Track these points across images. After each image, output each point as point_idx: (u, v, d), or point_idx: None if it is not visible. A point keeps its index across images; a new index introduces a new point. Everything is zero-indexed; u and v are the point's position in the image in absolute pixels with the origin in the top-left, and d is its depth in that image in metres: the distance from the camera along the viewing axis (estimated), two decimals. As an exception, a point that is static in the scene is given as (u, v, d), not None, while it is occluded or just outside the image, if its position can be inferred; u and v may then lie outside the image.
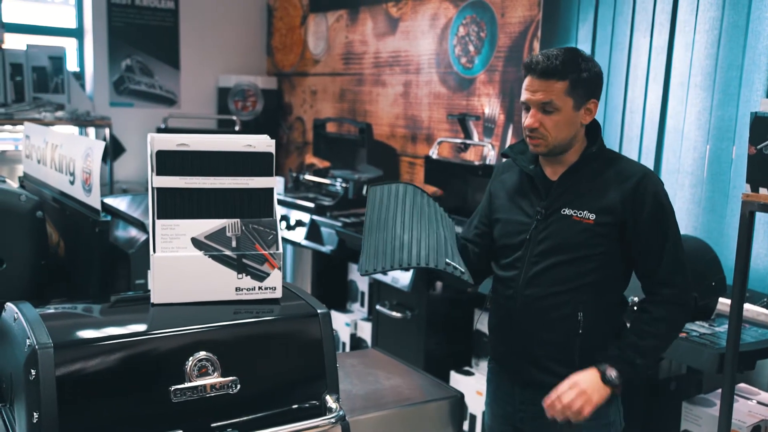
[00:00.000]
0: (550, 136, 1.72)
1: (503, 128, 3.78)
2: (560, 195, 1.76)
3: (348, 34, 4.97)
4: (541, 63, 1.69)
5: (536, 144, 1.74)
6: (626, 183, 1.72)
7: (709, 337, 2.25)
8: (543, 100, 1.70)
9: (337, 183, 4.45)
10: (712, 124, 2.82)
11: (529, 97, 1.72)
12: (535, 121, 1.71)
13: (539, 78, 1.69)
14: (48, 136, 2.36)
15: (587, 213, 1.71)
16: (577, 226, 1.71)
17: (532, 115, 1.71)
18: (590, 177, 1.75)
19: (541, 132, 1.72)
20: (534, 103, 1.71)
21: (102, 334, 1.33)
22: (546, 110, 1.70)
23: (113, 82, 5.44)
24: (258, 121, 5.69)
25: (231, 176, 1.53)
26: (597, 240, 1.69)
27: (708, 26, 2.81)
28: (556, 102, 1.69)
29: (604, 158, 1.78)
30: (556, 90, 1.69)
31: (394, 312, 3.44)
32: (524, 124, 1.74)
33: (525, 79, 1.74)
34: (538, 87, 1.70)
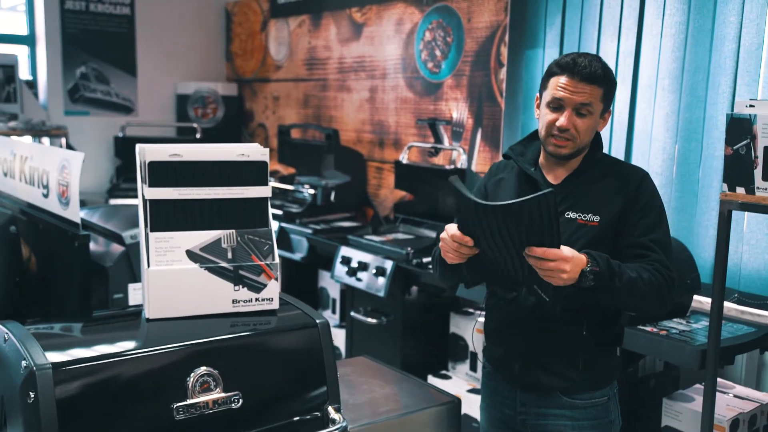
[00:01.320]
0: (579, 139, 1.73)
1: (472, 132, 3.80)
2: (564, 198, 1.77)
3: (311, 40, 4.95)
4: (587, 67, 1.69)
5: (563, 145, 1.74)
6: (628, 185, 1.75)
7: (688, 334, 2.29)
8: (584, 101, 1.70)
9: (303, 189, 4.42)
10: (680, 126, 2.88)
11: (569, 96, 1.70)
12: (569, 122, 1.71)
13: (582, 80, 1.69)
14: (16, 148, 2.28)
15: (592, 216, 1.73)
16: (582, 229, 1.73)
17: (567, 115, 1.71)
18: (592, 181, 1.78)
19: (572, 134, 1.72)
20: (572, 103, 1.70)
21: (100, 352, 1.28)
22: (581, 113, 1.71)
23: (68, 90, 5.31)
24: (219, 128, 5.61)
25: (225, 186, 1.50)
26: (600, 242, 1.71)
27: (674, 30, 2.87)
28: (593, 105, 1.71)
29: (604, 163, 1.81)
30: (595, 94, 1.71)
31: (370, 318, 3.43)
32: (557, 123, 1.72)
33: (557, 78, 1.72)
34: (580, 89, 1.69)
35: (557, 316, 1.69)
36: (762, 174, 1.91)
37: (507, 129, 3.62)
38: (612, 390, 1.82)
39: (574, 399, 1.77)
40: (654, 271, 1.68)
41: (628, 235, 1.73)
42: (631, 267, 1.67)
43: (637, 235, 1.72)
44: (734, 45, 2.67)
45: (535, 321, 1.77)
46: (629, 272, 1.65)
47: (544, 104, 1.77)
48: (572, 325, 1.75)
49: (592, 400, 1.78)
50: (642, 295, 1.66)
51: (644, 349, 2.30)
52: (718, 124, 2.73)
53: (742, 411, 2.29)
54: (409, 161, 3.88)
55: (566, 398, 1.78)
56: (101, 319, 1.54)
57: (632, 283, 1.64)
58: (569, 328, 1.75)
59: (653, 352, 2.32)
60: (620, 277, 1.63)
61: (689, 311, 2.54)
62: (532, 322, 1.77)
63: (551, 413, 1.78)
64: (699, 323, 2.43)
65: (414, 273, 3.28)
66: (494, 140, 3.68)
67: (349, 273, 3.45)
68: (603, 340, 1.79)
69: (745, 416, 2.29)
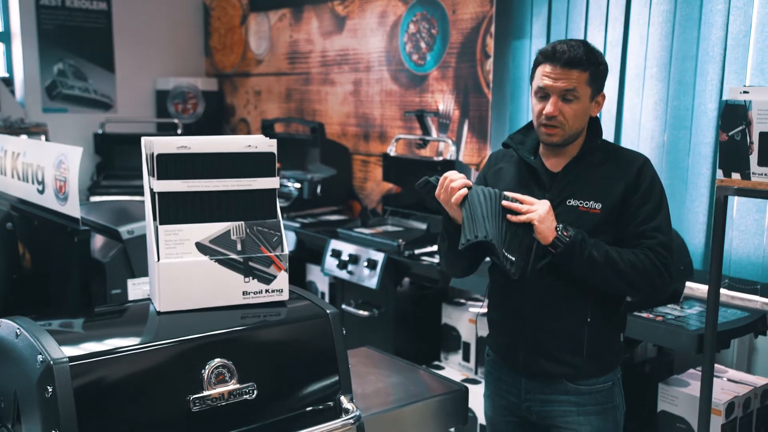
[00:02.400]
0: (568, 125, 1.74)
1: (458, 124, 3.81)
2: (565, 186, 1.78)
3: (292, 33, 4.92)
4: (566, 52, 1.71)
5: (552, 133, 1.76)
6: (629, 171, 1.76)
7: (684, 320, 2.33)
8: (567, 87, 1.71)
9: (289, 184, 4.40)
10: (668, 114, 2.92)
11: (552, 84, 1.72)
12: (555, 109, 1.72)
13: (563, 67, 1.71)
14: (7, 144, 2.25)
15: (593, 203, 1.74)
16: (585, 216, 1.74)
17: (552, 102, 1.72)
18: (592, 168, 1.79)
19: (560, 120, 1.73)
20: (556, 90, 1.72)
21: (115, 346, 1.26)
22: (567, 98, 1.72)
23: (45, 87, 5.22)
24: (200, 123, 5.56)
25: (233, 178, 1.48)
26: (603, 228, 1.73)
27: (662, 19, 2.90)
28: (578, 90, 1.72)
29: (604, 150, 1.82)
30: (579, 79, 1.72)
31: (361, 310, 3.43)
32: (543, 111, 1.74)
33: (542, 67, 1.75)
34: (562, 75, 1.71)
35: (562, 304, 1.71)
36: (758, 159, 1.94)
37: (495, 120, 3.63)
38: (616, 375, 1.84)
39: (579, 385, 1.79)
40: (642, 256, 1.70)
41: (630, 223, 1.75)
42: (615, 248, 1.71)
43: (637, 224, 1.74)
44: (722, 32, 2.70)
45: (539, 309, 1.78)
46: (609, 249, 1.69)
47: (532, 94, 1.80)
48: (576, 312, 1.76)
49: (596, 386, 1.80)
50: (622, 273, 1.69)
51: (641, 335, 2.33)
52: (706, 111, 2.77)
53: (737, 394, 2.33)
54: (396, 153, 3.88)
55: (571, 384, 1.79)
56: (110, 313, 1.52)
57: (611, 260, 1.68)
58: (573, 315, 1.76)
59: (650, 338, 2.35)
60: (597, 248, 1.67)
61: (682, 297, 2.58)
62: (537, 310, 1.78)
63: (556, 399, 1.80)
64: (692, 309, 2.46)
65: (405, 264, 3.28)
66: (481, 131, 3.69)
67: (340, 266, 3.45)
68: (606, 327, 1.81)
69: (740, 399, 2.32)
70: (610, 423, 1.80)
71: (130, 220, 2.23)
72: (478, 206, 1.67)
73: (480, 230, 1.63)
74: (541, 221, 1.67)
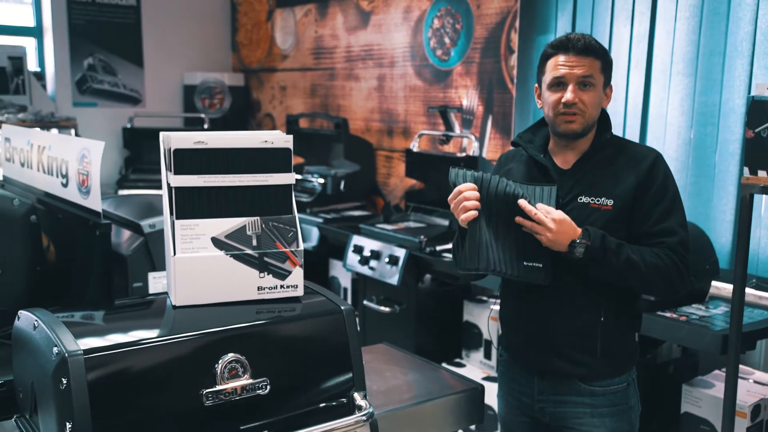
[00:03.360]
0: (587, 112, 1.73)
1: (482, 119, 3.78)
2: (575, 183, 1.76)
3: (317, 29, 4.93)
4: (580, 39, 1.72)
5: (572, 120, 1.73)
6: (640, 166, 1.74)
7: (708, 320, 2.29)
8: (585, 73, 1.71)
9: (313, 179, 4.41)
10: (695, 110, 2.87)
11: (568, 71, 1.71)
12: (575, 96, 1.71)
13: (578, 54, 1.71)
14: (33, 138, 2.28)
15: (605, 199, 1.72)
16: (596, 213, 1.72)
17: (571, 90, 1.71)
18: (603, 164, 1.77)
19: (580, 107, 1.72)
20: (573, 77, 1.71)
21: (130, 339, 1.28)
22: (585, 84, 1.72)
23: (75, 81, 5.30)
24: (226, 118, 5.60)
25: (249, 173, 1.49)
26: (615, 225, 1.71)
27: (689, 13, 2.85)
28: (595, 77, 1.72)
29: (614, 145, 1.80)
30: (595, 66, 1.72)
31: (383, 306, 3.43)
32: (563, 99, 1.72)
33: (554, 59, 1.74)
34: (578, 62, 1.71)
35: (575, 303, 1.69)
36: (785, 157, 1.89)
37: (518, 116, 3.60)
38: (631, 376, 1.81)
39: (593, 386, 1.77)
40: (663, 256, 1.68)
41: (644, 222, 1.72)
42: (635, 249, 1.68)
43: (652, 223, 1.72)
44: (750, 27, 2.65)
45: (552, 309, 1.76)
46: (630, 253, 1.66)
47: (545, 88, 1.78)
48: (589, 311, 1.74)
49: (611, 387, 1.77)
50: (643, 276, 1.67)
51: (664, 335, 2.30)
52: (734, 107, 2.72)
53: (764, 397, 2.29)
54: (419, 149, 3.87)
55: (585, 385, 1.77)
56: (127, 307, 1.54)
57: (631, 264, 1.65)
58: (586, 314, 1.74)
59: (673, 338, 2.32)
60: (617, 255, 1.65)
61: (708, 297, 2.53)
62: (550, 309, 1.76)
63: (570, 401, 1.78)
64: (718, 309, 2.42)
65: (427, 261, 3.27)
66: (505, 127, 3.66)
67: (362, 262, 3.45)
68: (620, 326, 1.78)
69: (766, 402, 2.28)
70: (624, 425, 1.77)
71: (152, 214, 2.25)
72: (485, 232, 1.68)
73: (481, 261, 1.65)
74: (552, 243, 1.65)
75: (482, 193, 1.71)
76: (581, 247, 1.64)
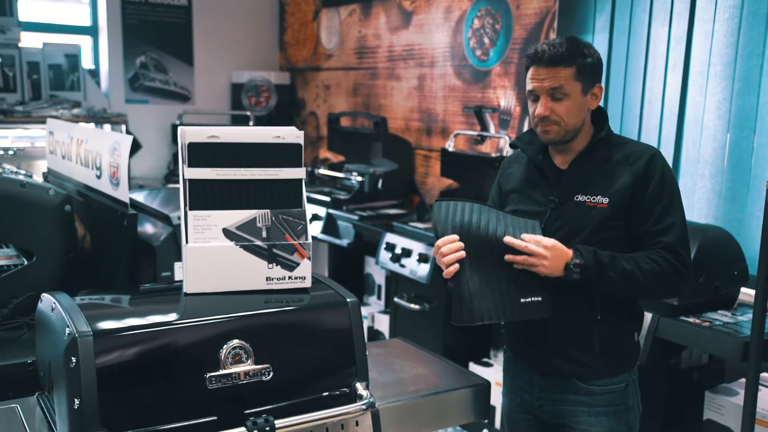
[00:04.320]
0: (563, 122, 1.74)
1: (519, 120, 3.78)
2: (572, 182, 1.77)
3: (361, 29, 4.98)
4: (547, 51, 1.72)
5: (547, 130, 1.76)
6: (636, 164, 1.74)
7: (732, 326, 2.25)
8: (553, 85, 1.72)
9: (352, 177, 4.46)
10: (732, 114, 2.81)
11: (538, 85, 1.73)
12: (545, 109, 1.73)
13: (546, 66, 1.72)
14: (73, 132, 2.39)
15: (600, 198, 1.73)
16: (592, 212, 1.73)
17: (542, 103, 1.73)
18: (600, 162, 1.77)
19: (553, 119, 1.74)
20: (543, 90, 1.73)
21: (139, 323, 1.34)
22: (555, 97, 1.73)
23: (128, 79, 5.48)
24: (271, 116, 5.71)
25: (261, 167, 1.54)
26: (611, 224, 1.71)
27: (728, 15, 2.80)
28: (566, 87, 1.72)
29: (611, 143, 1.80)
30: (564, 76, 1.72)
31: (413, 304, 3.46)
32: (535, 113, 1.76)
33: (530, 70, 1.77)
34: (546, 74, 1.72)
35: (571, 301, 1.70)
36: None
37: (555, 117, 3.58)
38: (631, 376, 1.80)
39: (591, 385, 1.77)
40: (659, 259, 1.67)
41: (642, 222, 1.72)
42: (628, 258, 1.67)
43: (650, 224, 1.71)
44: (790, 30, 2.59)
45: None
46: (624, 263, 1.66)
47: (527, 97, 1.81)
48: (586, 310, 1.74)
49: (608, 387, 1.77)
50: (641, 285, 1.67)
51: (684, 340, 2.27)
52: (771, 111, 2.66)
53: (788, 405, 2.24)
54: (455, 149, 3.88)
55: (583, 384, 1.77)
56: (144, 293, 1.61)
57: (628, 275, 1.65)
58: (583, 312, 1.75)
59: (693, 343, 2.29)
60: (612, 268, 1.65)
61: (736, 303, 2.49)
62: None
63: (568, 399, 1.79)
64: (745, 316, 2.38)
65: (457, 260, 3.28)
66: (542, 128, 3.65)
67: (393, 259, 3.49)
68: (619, 326, 1.77)
69: (790, 411, 2.23)
70: (622, 425, 1.77)
71: (182, 206, 2.34)
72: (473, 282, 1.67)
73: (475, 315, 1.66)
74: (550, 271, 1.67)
75: (466, 241, 1.70)
76: (577, 268, 1.65)
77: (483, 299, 1.68)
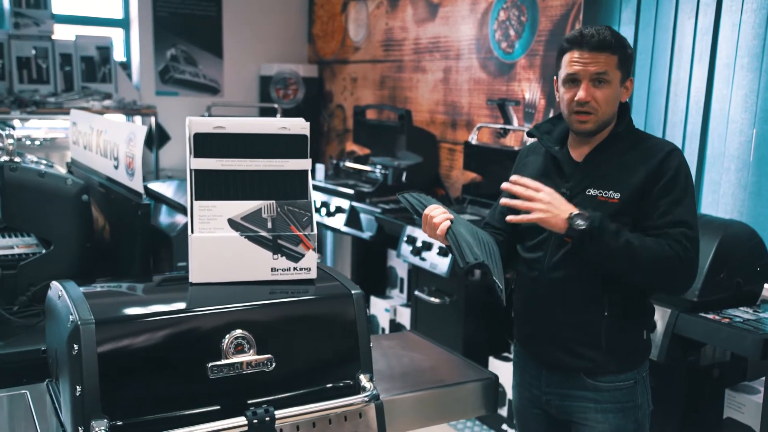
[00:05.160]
0: (601, 110, 1.70)
1: (543, 113, 3.74)
2: (585, 176, 1.74)
3: (388, 21, 4.97)
4: (594, 35, 1.68)
5: (585, 120, 1.71)
6: (652, 160, 1.70)
7: (753, 323, 2.20)
8: (599, 70, 1.68)
9: (376, 170, 4.46)
10: (759, 107, 2.74)
11: (583, 68, 1.68)
12: (588, 94, 1.69)
13: (592, 51, 1.68)
14: (93, 122, 2.43)
15: (612, 192, 1.70)
16: (603, 206, 1.69)
17: (584, 88, 1.68)
18: (616, 157, 1.73)
19: (593, 106, 1.70)
20: (587, 74, 1.68)
21: (141, 312, 1.36)
22: (599, 82, 1.69)
23: (159, 71, 5.54)
24: (299, 108, 5.73)
25: (266, 158, 1.55)
26: (621, 219, 1.67)
27: (756, 5, 2.73)
28: (609, 74, 1.69)
29: (630, 138, 1.76)
30: (610, 62, 1.68)
31: (433, 298, 3.45)
32: (576, 97, 1.70)
33: (569, 54, 1.71)
34: (591, 59, 1.67)
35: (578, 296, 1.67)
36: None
37: (580, 110, 3.53)
38: (640, 374, 1.77)
39: (598, 381, 1.74)
40: (665, 244, 1.62)
41: (651, 214, 1.68)
42: (636, 235, 1.64)
43: (659, 215, 1.67)
44: (820, 20, 2.51)
45: (556, 301, 1.75)
46: (631, 238, 1.62)
47: (561, 84, 1.75)
48: (593, 304, 1.71)
49: (616, 383, 1.74)
50: (642, 263, 1.62)
51: (703, 337, 2.23)
52: (799, 104, 2.59)
53: (810, 406, 2.18)
54: (478, 142, 3.86)
55: (590, 380, 1.75)
56: (150, 282, 1.63)
57: (630, 248, 1.60)
58: (590, 307, 1.72)
59: (712, 340, 2.24)
60: (615, 236, 1.60)
61: (759, 300, 2.43)
62: (554, 302, 1.75)
63: (575, 395, 1.76)
64: (767, 312, 2.32)
65: (478, 254, 3.26)
66: (567, 121, 3.60)
67: (414, 252, 3.48)
68: (627, 321, 1.74)
69: (812, 411, 2.18)
70: (630, 423, 1.74)
71: (199, 197, 2.36)
72: (464, 234, 1.70)
73: (474, 254, 1.65)
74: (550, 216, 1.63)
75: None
76: (580, 218, 1.60)
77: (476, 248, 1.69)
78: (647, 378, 1.79)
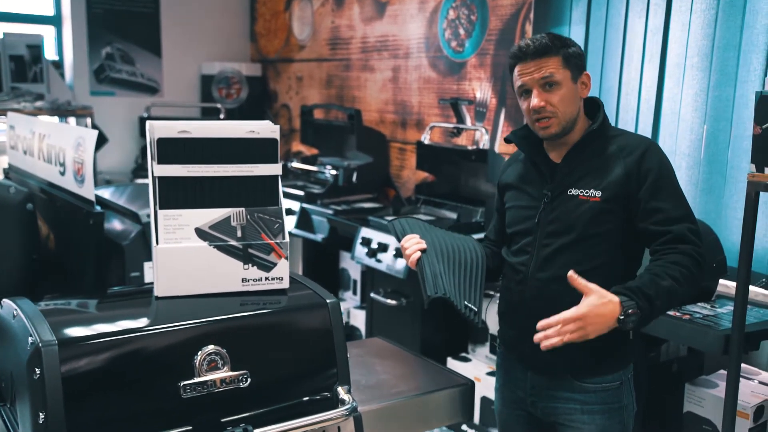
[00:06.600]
0: (560, 112, 1.71)
1: (495, 112, 3.74)
2: (565, 176, 1.74)
3: (334, 19, 4.90)
4: (530, 45, 1.71)
5: (547, 125, 1.72)
6: (630, 156, 1.70)
7: (713, 319, 2.23)
8: (543, 75, 1.70)
9: (326, 170, 4.40)
10: (709, 105, 2.80)
11: (528, 78, 1.71)
12: (541, 100, 1.70)
13: (532, 59, 1.70)
14: (35, 126, 2.29)
15: (593, 191, 1.70)
16: (584, 205, 1.69)
17: (536, 95, 1.70)
18: (594, 155, 1.74)
19: (550, 110, 1.70)
20: (534, 82, 1.71)
21: (107, 330, 1.27)
22: (547, 87, 1.70)
23: (93, 70, 5.33)
24: (243, 108, 5.60)
25: (234, 164, 1.48)
26: (604, 217, 1.68)
27: (704, 6, 2.78)
28: (556, 75, 1.70)
29: (606, 135, 1.76)
30: (552, 64, 1.70)
31: (389, 299, 3.41)
32: (531, 106, 1.72)
33: (516, 68, 1.74)
34: (534, 66, 1.70)
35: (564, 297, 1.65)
36: (792, 154, 1.84)
37: (531, 109, 3.55)
38: (626, 375, 1.77)
39: (585, 383, 1.74)
40: (685, 265, 1.61)
41: (647, 218, 1.67)
42: (662, 274, 1.60)
43: (659, 221, 1.66)
44: (767, 21, 2.57)
45: (542, 302, 1.73)
46: (664, 283, 1.59)
47: (518, 97, 1.79)
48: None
49: (602, 385, 1.74)
50: (681, 297, 1.64)
51: (666, 334, 2.25)
52: (748, 103, 2.65)
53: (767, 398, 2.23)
54: (431, 142, 3.83)
55: (576, 382, 1.74)
56: (112, 297, 1.54)
57: (671, 293, 1.60)
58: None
59: (674, 337, 2.27)
60: (659, 297, 1.58)
61: (714, 296, 2.48)
62: (540, 304, 1.73)
63: (561, 396, 1.76)
64: (724, 308, 2.37)
65: (434, 254, 3.24)
66: (518, 120, 3.61)
67: (369, 254, 3.43)
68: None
69: (770, 403, 2.23)
70: (615, 424, 1.74)
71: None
72: (436, 264, 1.73)
73: (438, 286, 1.67)
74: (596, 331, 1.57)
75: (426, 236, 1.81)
76: (629, 319, 1.55)
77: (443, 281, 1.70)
78: (632, 379, 1.79)
